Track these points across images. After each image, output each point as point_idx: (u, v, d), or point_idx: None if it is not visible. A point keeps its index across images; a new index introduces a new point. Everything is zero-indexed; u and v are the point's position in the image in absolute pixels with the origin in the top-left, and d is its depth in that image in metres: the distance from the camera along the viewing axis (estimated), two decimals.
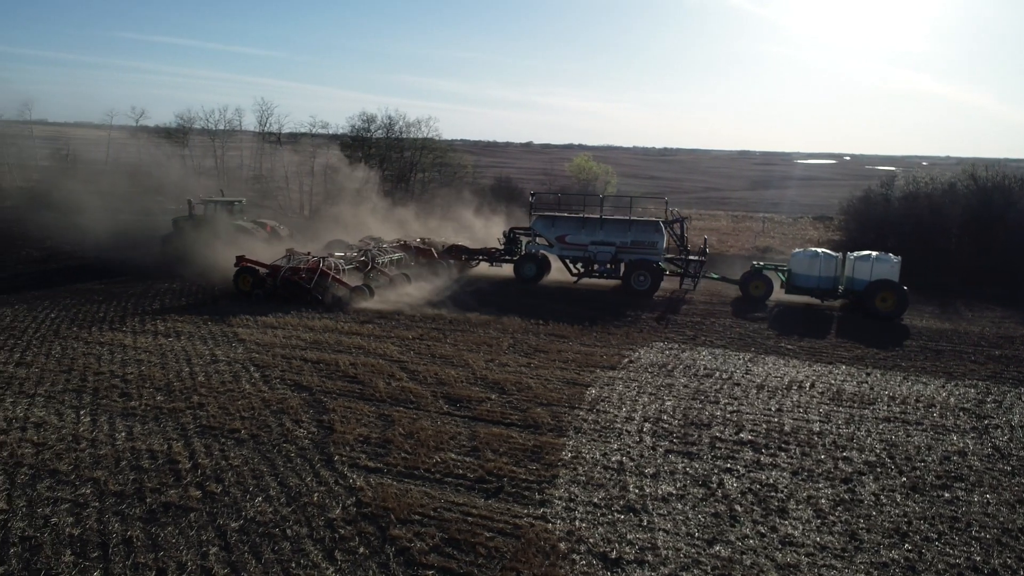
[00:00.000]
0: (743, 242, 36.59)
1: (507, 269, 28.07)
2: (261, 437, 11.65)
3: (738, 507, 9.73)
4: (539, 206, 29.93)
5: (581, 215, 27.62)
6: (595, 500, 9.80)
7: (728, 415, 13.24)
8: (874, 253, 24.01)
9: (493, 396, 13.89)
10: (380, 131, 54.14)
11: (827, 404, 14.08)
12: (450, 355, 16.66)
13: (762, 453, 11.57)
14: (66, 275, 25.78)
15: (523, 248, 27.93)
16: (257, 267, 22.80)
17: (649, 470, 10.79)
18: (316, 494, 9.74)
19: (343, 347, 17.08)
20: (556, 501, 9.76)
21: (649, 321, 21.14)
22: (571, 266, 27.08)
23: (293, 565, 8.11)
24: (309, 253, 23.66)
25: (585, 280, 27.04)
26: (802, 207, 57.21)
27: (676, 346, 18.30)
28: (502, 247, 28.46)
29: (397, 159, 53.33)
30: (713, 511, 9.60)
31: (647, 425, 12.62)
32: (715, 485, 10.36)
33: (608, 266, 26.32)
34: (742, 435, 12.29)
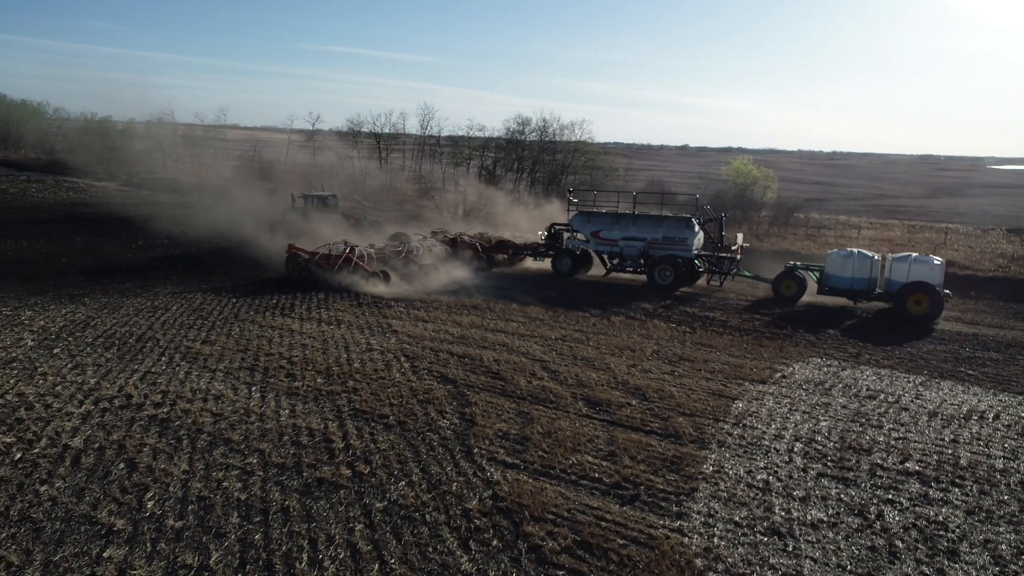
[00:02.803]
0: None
1: (548, 264, 29.02)
2: (407, 424, 12.20)
3: (899, 543, 8.88)
4: (581, 203, 30.84)
5: (616, 211, 28.28)
6: (736, 518, 9.34)
7: (892, 442, 12.12)
8: (914, 254, 23.59)
9: (634, 402, 13.64)
10: (534, 134, 55.01)
11: (1014, 439, 12.50)
12: (592, 357, 16.57)
13: (931, 487, 10.48)
14: (246, 264, 28.38)
15: (564, 244, 28.81)
16: (301, 253, 24.90)
17: (798, 493, 10.12)
18: (455, 484, 10.04)
19: (488, 343, 17.51)
20: (694, 515, 9.40)
21: (806, 335, 19.85)
22: (607, 261, 27.99)
23: (430, 549, 8.41)
24: (345, 242, 25.63)
25: (614, 273, 28.10)
26: (994, 218, 51.39)
27: (836, 363, 17.04)
28: (543, 243, 29.41)
29: (549, 161, 53.93)
30: (869, 544, 8.83)
31: (798, 445, 11.84)
32: (873, 516, 9.52)
33: (641, 261, 26.85)
34: (908, 465, 11.21)
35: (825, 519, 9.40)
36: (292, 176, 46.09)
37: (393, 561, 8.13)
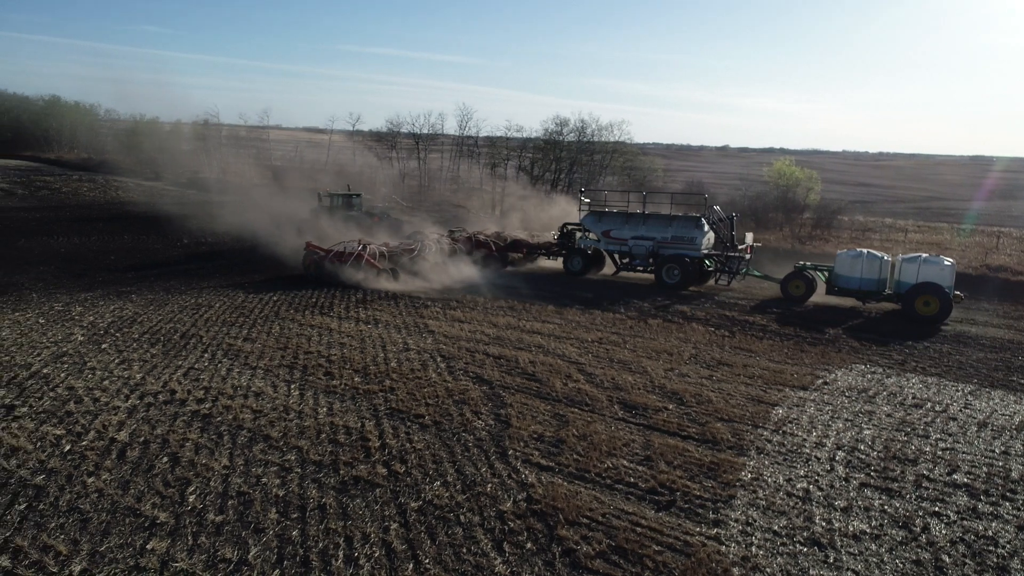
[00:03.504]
0: (970, 259, 32.37)
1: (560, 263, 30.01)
2: (443, 424, 12.25)
3: (946, 557, 8.61)
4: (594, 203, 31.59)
5: (626, 210, 29.01)
6: (775, 527, 9.16)
7: (939, 452, 11.76)
8: (924, 255, 23.63)
9: (670, 406, 13.49)
10: (572, 134, 54.85)
11: None
12: (629, 360, 16.44)
13: (980, 500, 10.14)
14: (275, 261, 28.80)
15: (576, 243, 29.53)
16: (317, 251, 25.69)
17: (839, 503, 9.88)
18: (490, 485, 10.05)
19: (524, 345, 17.50)
20: (731, 523, 9.25)
21: (848, 340, 19.39)
22: (617, 260, 28.59)
23: (464, 550, 8.43)
24: (359, 241, 26.35)
25: (623, 273, 28.83)
26: None
27: (880, 370, 16.60)
28: (556, 242, 30.17)
29: (587, 162, 53.71)
30: (914, 558, 8.58)
31: (840, 454, 11.57)
32: (919, 529, 9.25)
33: (649, 260, 27.30)
34: (955, 477, 10.86)
35: (868, 531, 9.16)
36: (330, 177, 46.71)
37: (427, 561, 8.17)
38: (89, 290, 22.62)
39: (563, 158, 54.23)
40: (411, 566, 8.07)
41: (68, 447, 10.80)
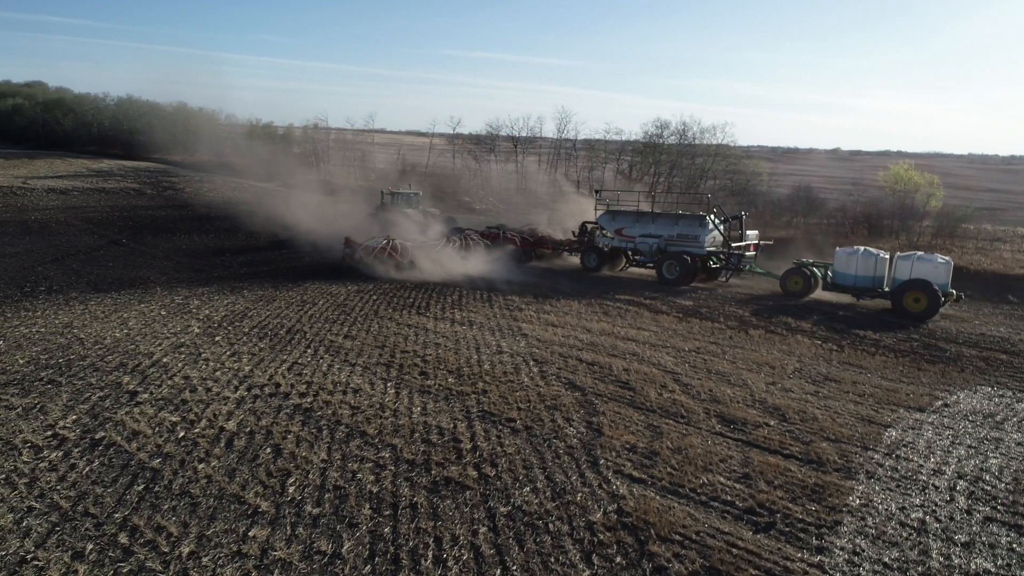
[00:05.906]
0: None
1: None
2: (534, 429, 12.19)
3: None
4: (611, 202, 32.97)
5: (638, 209, 30.25)
6: (886, 559, 8.53)
7: None
8: (919, 253, 24.28)
9: (772, 422, 12.88)
10: (673, 137, 53.74)
11: None
12: (727, 372, 15.85)
13: None
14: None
15: (595, 240, 30.98)
16: (354, 245, 28.04)
17: (960, 537, 9.10)
18: (580, 494, 9.89)
19: (618, 352, 17.21)
20: (837, 551, 8.69)
21: (973, 360, 17.93)
22: (630, 256, 30.34)
23: (552, 560, 8.32)
24: (387, 237, 28.24)
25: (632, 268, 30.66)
26: None
27: (1010, 393, 15.25)
28: (576, 239, 31.85)
29: (688, 165, 52.48)
30: None
31: (962, 483, 10.67)
32: None
33: (657, 257, 28.53)
34: None
35: (993, 570, 8.39)
36: (430, 179, 47.74)
37: (515, 568, 8.12)
38: (206, 284, 24.08)
39: (663, 161, 53.21)
40: (498, 571, 8.05)
41: (182, 433, 11.48)
